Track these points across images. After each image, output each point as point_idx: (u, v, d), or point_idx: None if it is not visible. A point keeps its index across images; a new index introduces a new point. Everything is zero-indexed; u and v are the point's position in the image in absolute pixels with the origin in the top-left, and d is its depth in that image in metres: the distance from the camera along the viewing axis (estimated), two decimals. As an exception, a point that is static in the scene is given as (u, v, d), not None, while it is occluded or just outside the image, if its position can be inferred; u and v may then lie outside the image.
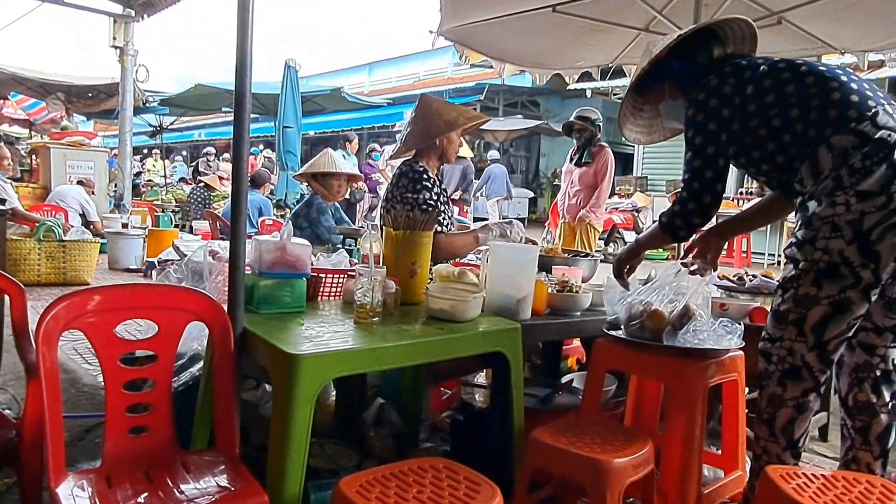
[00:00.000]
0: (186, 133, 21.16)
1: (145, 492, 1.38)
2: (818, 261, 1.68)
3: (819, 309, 1.69)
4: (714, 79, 1.89)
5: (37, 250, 5.69)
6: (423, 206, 2.57)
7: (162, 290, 1.74)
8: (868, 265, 1.63)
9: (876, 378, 1.85)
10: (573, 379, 2.50)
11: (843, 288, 1.66)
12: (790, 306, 1.74)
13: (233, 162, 1.61)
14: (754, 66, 1.87)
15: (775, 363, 1.77)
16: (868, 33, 4.20)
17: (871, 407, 1.85)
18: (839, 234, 1.64)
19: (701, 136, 1.87)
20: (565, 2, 4.03)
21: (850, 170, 1.65)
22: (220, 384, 1.60)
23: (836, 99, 1.71)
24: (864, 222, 1.61)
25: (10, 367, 3.30)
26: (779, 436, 1.78)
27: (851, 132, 1.67)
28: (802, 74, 1.78)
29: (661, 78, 2.05)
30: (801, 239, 1.73)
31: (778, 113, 1.77)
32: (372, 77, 20.15)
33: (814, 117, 1.72)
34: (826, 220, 1.66)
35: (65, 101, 11.20)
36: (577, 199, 4.97)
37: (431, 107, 2.71)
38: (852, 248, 1.63)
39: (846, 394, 1.91)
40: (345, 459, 1.90)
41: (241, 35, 1.56)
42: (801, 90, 1.76)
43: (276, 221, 6.88)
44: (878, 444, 1.85)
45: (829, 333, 1.70)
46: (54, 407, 1.38)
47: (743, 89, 1.83)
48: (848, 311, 1.68)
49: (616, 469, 1.59)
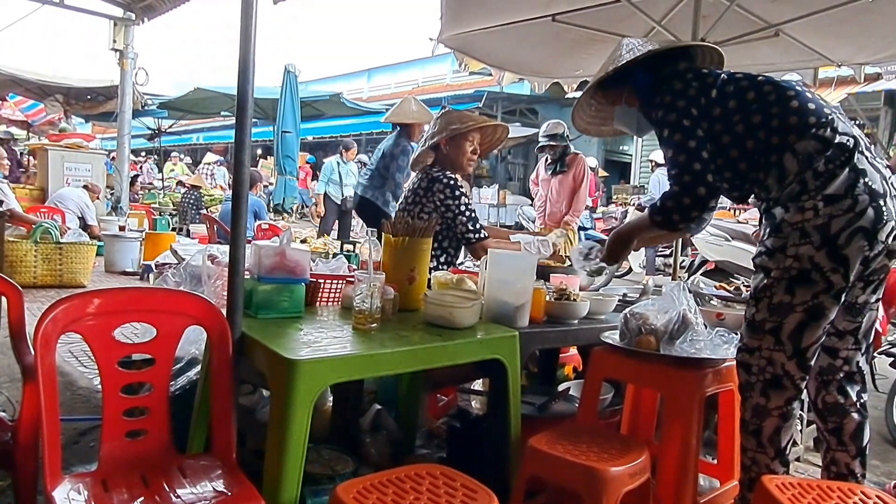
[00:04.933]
0: (185, 136, 21.15)
1: (141, 496, 1.38)
2: (790, 268, 1.70)
3: (794, 316, 1.71)
4: (678, 83, 1.91)
5: (33, 252, 5.68)
6: (465, 213, 2.63)
7: (161, 293, 1.74)
8: (838, 269, 1.66)
9: (840, 380, 1.88)
10: (570, 387, 2.51)
11: (815, 293, 1.68)
12: (765, 315, 1.75)
13: (234, 166, 1.61)
14: (715, 75, 1.92)
15: (756, 374, 1.78)
16: (864, 46, 4.22)
17: (839, 407, 1.88)
18: (808, 240, 1.66)
19: (679, 132, 1.87)
20: (565, 11, 4.05)
21: (814, 174, 1.68)
22: (218, 389, 1.60)
23: (795, 107, 1.75)
24: (832, 226, 1.64)
25: (4, 370, 3.29)
26: (767, 446, 1.79)
27: (813, 137, 1.71)
28: (760, 83, 1.83)
29: (623, 82, 2.08)
30: (770, 247, 1.74)
31: (741, 119, 1.80)
32: (371, 83, 20.20)
33: (775, 124, 1.75)
34: (795, 227, 1.68)
35: (63, 102, 11.19)
36: (559, 206, 5.31)
37: (446, 117, 2.76)
38: (822, 254, 1.65)
39: (815, 397, 1.93)
40: (341, 465, 1.89)
41: (244, 41, 1.56)
42: (760, 97, 1.80)
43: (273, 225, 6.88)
44: (852, 443, 1.86)
45: (807, 340, 1.72)
46: (52, 410, 1.38)
47: (707, 92, 1.86)
48: (822, 316, 1.71)
49: (613, 477, 1.59)
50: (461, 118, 2.74)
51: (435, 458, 2.29)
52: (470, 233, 2.65)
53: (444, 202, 2.63)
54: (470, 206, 2.67)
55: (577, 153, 5.28)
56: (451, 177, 2.67)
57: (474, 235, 2.65)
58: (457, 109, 2.96)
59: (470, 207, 2.67)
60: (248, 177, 1.64)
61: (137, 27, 8.65)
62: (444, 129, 2.70)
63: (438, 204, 2.63)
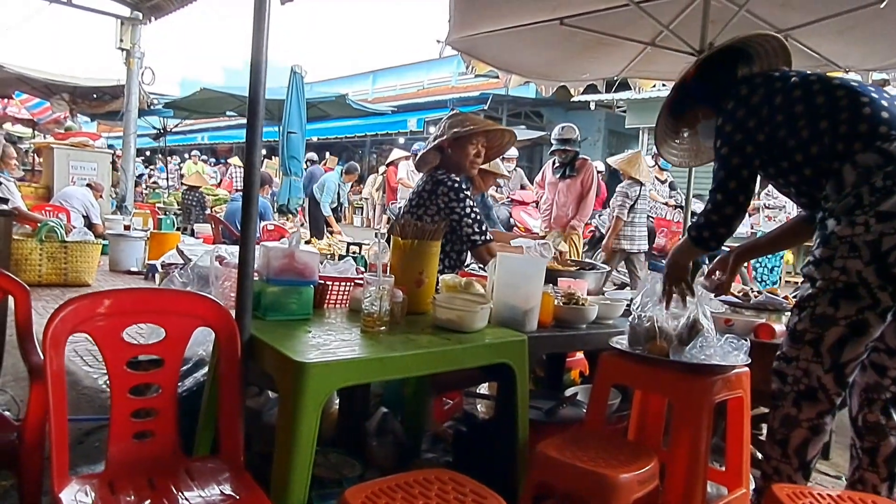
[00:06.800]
0: (190, 136, 21.21)
1: (148, 499, 1.37)
2: (836, 280, 1.66)
3: (836, 330, 1.68)
4: (744, 89, 1.89)
5: (38, 250, 5.69)
6: (470, 215, 2.62)
7: (171, 294, 1.74)
8: (886, 287, 1.61)
9: (886, 400, 1.83)
10: (577, 392, 2.49)
11: (860, 309, 1.65)
12: (807, 326, 1.73)
13: (245, 168, 1.61)
14: (786, 78, 1.87)
15: (790, 384, 1.76)
16: (873, 52, 4.21)
17: (880, 428, 1.83)
18: (857, 255, 1.62)
19: (726, 146, 1.87)
20: (573, 15, 4.05)
21: (871, 188, 1.63)
22: (226, 391, 1.59)
23: (868, 114, 1.69)
24: (883, 244, 1.59)
25: (8, 369, 3.28)
26: (791, 456, 1.76)
27: (877, 150, 1.65)
28: (834, 87, 1.77)
29: (690, 103, 2.06)
30: (818, 257, 1.71)
31: (806, 124, 1.76)
32: (376, 85, 20.22)
33: (843, 131, 1.70)
34: (844, 240, 1.64)
35: (69, 101, 11.22)
36: (566, 210, 5.28)
37: (452, 119, 2.75)
38: (870, 270, 1.61)
39: (856, 413, 1.89)
40: (348, 469, 1.88)
41: (256, 42, 1.56)
42: (831, 102, 1.74)
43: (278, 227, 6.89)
44: (885, 466, 1.83)
45: (846, 356, 1.69)
46: (60, 411, 1.38)
47: (772, 98, 1.83)
48: (865, 333, 1.67)
49: (622, 484, 1.58)
50: (466, 121, 2.73)
51: (441, 462, 2.28)
52: (475, 235, 2.63)
53: (448, 204, 2.62)
54: (475, 209, 2.66)
55: (587, 158, 5.29)
56: (455, 179, 2.66)
57: (479, 238, 2.64)
58: (463, 112, 2.95)
59: (475, 210, 2.66)
60: (258, 178, 1.63)
61: (144, 26, 8.67)
62: (448, 131, 2.69)
63: (443, 206, 2.62)
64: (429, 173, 2.74)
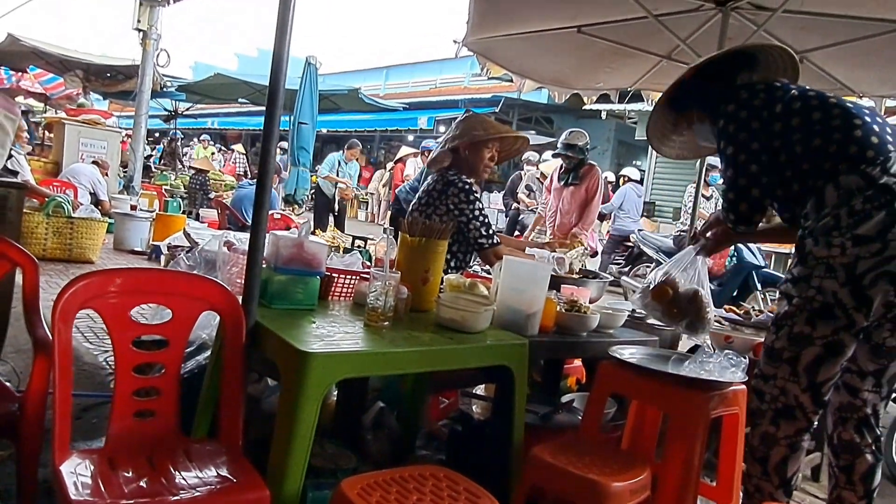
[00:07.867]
0: (200, 120, 21.23)
1: (147, 476, 1.39)
2: (812, 299, 1.70)
3: (812, 349, 1.71)
4: (744, 93, 1.92)
5: (45, 225, 5.71)
6: (479, 218, 2.64)
7: (181, 277, 1.75)
8: (861, 308, 1.65)
9: (860, 419, 1.85)
10: (574, 399, 2.51)
11: (836, 329, 1.68)
12: (784, 344, 1.75)
13: (260, 156, 1.62)
14: (786, 89, 1.89)
15: (768, 402, 1.78)
16: (888, 79, 4.22)
17: (854, 446, 1.85)
18: (833, 276, 1.66)
19: (732, 146, 1.90)
20: (591, 24, 4.06)
21: (849, 210, 1.66)
22: (229, 375, 1.61)
23: (858, 136, 1.72)
24: (858, 267, 1.63)
25: (10, 340, 3.30)
26: (772, 474, 1.78)
27: (860, 174, 1.68)
28: (830, 106, 1.80)
29: (688, 104, 2.09)
30: (796, 276, 1.75)
31: (801, 139, 1.78)
32: (388, 81, 20.23)
33: (833, 150, 1.73)
34: (821, 261, 1.68)
35: (83, 78, 11.24)
36: (569, 217, 5.21)
37: (468, 121, 2.75)
38: (845, 291, 1.65)
39: (832, 432, 1.91)
40: (343, 461, 1.89)
41: (279, 33, 1.57)
42: (826, 119, 1.77)
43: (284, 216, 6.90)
44: (861, 483, 1.84)
45: (822, 375, 1.72)
46: (65, 385, 1.39)
47: (773, 105, 1.85)
48: (841, 353, 1.70)
49: (615, 492, 1.60)
50: (484, 125, 2.74)
51: (434, 460, 2.29)
52: (483, 238, 2.65)
53: (458, 206, 2.63)
54: (484, 212, 2.68)
55: (593, 165, 5.19)
56: (466, 181, 2.67)
57: (487, 241, 2.65)
58: (478, 114, 2.96)
59: (484, 213, 2.68)
60: (273, 167, 1.65)
61: (163, 8, 8.69)
62: (465, 133, 2.70)
63: (452, 207, 2.63)
64: (440, 173, 2.75)
